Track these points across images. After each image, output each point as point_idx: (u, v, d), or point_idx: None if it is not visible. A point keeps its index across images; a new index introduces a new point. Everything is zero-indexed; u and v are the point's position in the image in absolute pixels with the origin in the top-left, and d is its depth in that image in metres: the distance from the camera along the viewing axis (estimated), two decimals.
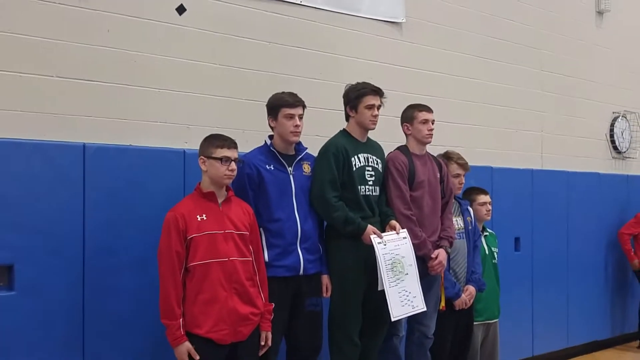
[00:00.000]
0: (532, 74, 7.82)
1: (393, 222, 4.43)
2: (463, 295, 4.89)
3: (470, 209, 5.25)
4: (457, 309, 4.88)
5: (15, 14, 4.20)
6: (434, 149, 5.13)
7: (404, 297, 4.31)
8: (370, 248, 4.26)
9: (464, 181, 5.18)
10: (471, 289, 4.96)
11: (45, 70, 4.33)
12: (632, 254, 8.18)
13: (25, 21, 4.23)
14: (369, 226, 4.25)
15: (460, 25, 7.03)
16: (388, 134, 5.00)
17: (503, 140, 7.46)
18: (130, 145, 4.58)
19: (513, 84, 7.60)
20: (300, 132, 4.27)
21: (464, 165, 5.13)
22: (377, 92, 4.48)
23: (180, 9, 4.94)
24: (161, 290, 3.77)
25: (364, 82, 4.54)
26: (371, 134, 4.67)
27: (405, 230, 4.40)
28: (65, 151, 4.21)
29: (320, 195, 4.28)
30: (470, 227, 5.12)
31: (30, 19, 4.27)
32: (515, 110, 7.61)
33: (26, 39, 4.27)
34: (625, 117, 9.00)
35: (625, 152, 9.00)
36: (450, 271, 4.92)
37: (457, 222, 5.04)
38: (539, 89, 7.90)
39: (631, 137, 9.06)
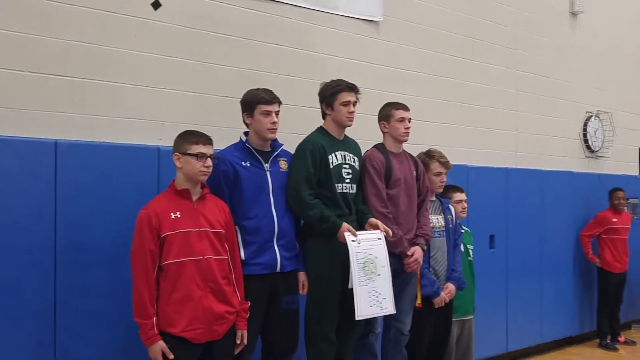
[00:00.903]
0: (507, 73, 7.87)
1: (373, 220, 4.41)
2: (442, 293, 4.90)
3: (452, 207, 5.25)
4: (436, 306, 4.89)
5: None
6: (411, 147, 5.13)
7: (373, 298, 4.29)
8: (347, 246, 4.24)
9: (445, 179, 5.17)
10: (451, 287, 4.97)
11: (16, 65, 4.28)
12: (591, 255, 8.25)
13: None
14: (344, 224, 4.23)
15: (438, 25, 7.06)
16: (365, 132, 5.00)
17: (478, 139, 7.51)
18: (103, 142, 4.53)
19: (489, 84, 7.64)
20: (276, 129, 4.24)
21: (445, 164, 5.12)
22: (352, 88, 4.47)
23: (156, 4, 4.92)
24: (134, 288, 3.72)
25: (338, 79, 4.53)
26: (348, 132, 4.66)
27: (380, 232, 4.37)
28: (36, 148, 4.17)
29: (296, 194, 4.25)
30: (451, 226, 5.13)
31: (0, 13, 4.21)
32: (490, 110, 7.66)
33: None
34: (598, 117, 9.08)
35: (598, 151, 9.09)
36: (430, 269, 4.93)
37: (438, 220, 5.07)
38: (514, 88, 7.96)
39: (604, 137, 9.14)
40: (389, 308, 4.36)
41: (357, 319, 4.25)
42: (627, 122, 9.61)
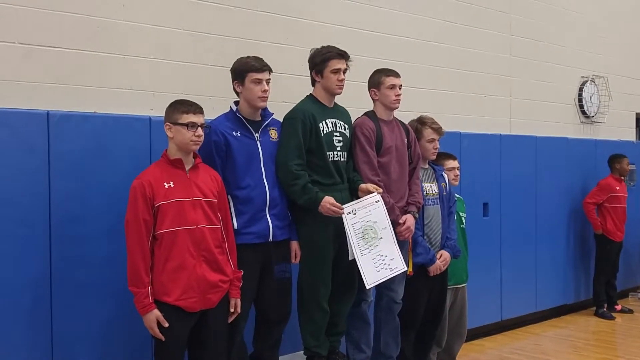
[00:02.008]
0: (501, 38, 7.87)
1: (364, 185, 4.44)
2: (437, 261, 4.91)
3: (445, 175, 5.24)
4: (431, 274, 4.92)
5: None
6: (402, 114, 5.14)
7: (380, 262, 4.33)
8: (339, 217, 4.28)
9: (438, 146, 5.13)
10: (445, 254, 4.98)
11: (6, 37, 4.30)
12: (598, 222, 8.30)
13: None
14: (326, 197, 4.23)
15: None
16: (355, 99, 5.01)
17: (471, 105, 7.52)
18: (94, 112, 4.56)
19: (482, 49, 7.65)
20: (267, 97, 4.25)
21: (438, 130, 5.08)
22: (343, 55, 4.46)
23: None
24: (129, 258, 3.77)
25: (329, 46, 4.51)
26: (338, 99, 4.67)
27: (377, 193, 4.39)
28: (28, 119, 4.20)
29: (284, 163, 4.27)
30: (445, 193, 5.12)
31: None
32: (483, 75, 7.67)
33: None
34: (594, 82, 9.09)
35: (593, 116, 9.10)
36: (425, 237, 4.93)
37: (432, 187, 5.06)
38: (508, 53, 7.96)
39: (599, 102, 9.15)
40: (400, 266, 4.39)
41: (367, 287, 4.31)
42: (624, 87, 9.60)
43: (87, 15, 4.67)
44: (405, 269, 4.48)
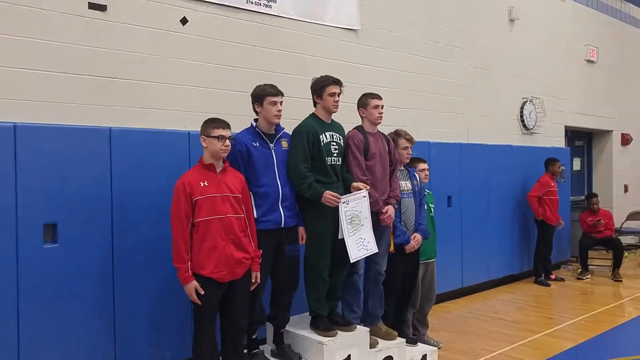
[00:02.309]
0: (461, 69, 7.88)
1: (355, 183, 4.42)
2: (412, 241, 4.91)
3: (417, 175, 5.21)
4: (407, 252, 4.91)
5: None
6: (384, 128, 5.10)
7: (360, 243, 4.31)
8: (336, 207, 4.25)
9: (411, 152, 5.13)
10: (418, 236, 4.97)
11: (77, 70, 4.37)
12: (540, 211, 8.29)
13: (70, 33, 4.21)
14: (326, 191, 4.20)
15: (404, 32, 7.06)
16: (348, 117, 4.99)
17: (438, 121, 7.52)
18: (146, 128, 4.59)
19: (446, 77, 7.64)
20: (280, 115, 4.25)
21: (410, 140, 5.09)
22: (337, 82, 4.45)
23: (184, 21, 4.95)
24: (173, 241, 3.79)
25: (326, 75, 4.50)
26: (334, 116, 4.65)
27: (365, 190, 4.37)
28: (94, 134, 4.24)
29: (294, 167, 4.25)
30: (417, 189, 5.10)
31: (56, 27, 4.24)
32: (447, 98, 7.66)
33: (56, 44, 4.26)
34: (532, 102, 9.11)
35: (532, 129, 9.11)
36: (402, 223, 4.91)
37: (406, 184, 5.03)
38: (466, 80, 7.97)
39: (536, 117, 9.17)
40: (373, 248, 4.37)
41: (352, 261, 4.29)
42: (555, 105, 9.62)
43: (139, 53, 4.71)
44: (376, 250, 4.45)
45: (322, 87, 4.43)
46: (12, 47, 4.09)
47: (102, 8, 4.46)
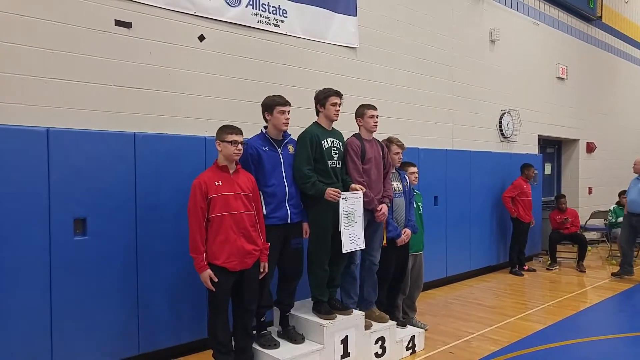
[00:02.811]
0: (446, 84, 7.83)
1: (353, 185, 4.39)
2: (402, 235, 4.89)
3: (407, 177, 5.19)
4: (398, 245, 4.88)
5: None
6: (379, 135, 5.05)
7: (352, 238, 4.28)
8: (335, 203, 4.19)
9: (402, 157, 5.12)
10: (408, 231, 4.96)
11: (104, 81, 4.32)
12: (513, 210, 8.26)
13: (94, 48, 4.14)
14: (328, 188, 4.15)
15: (397, 50, 7.02)
16: (347, 125, 4.96)
17: (426, 129, 7.49)
18: (167, 133, 4.54)
19: (433, 91, 7.60)
20: (288, 123, 4.21)
21: (401, 146, 5.08)
22: (338, 94, 4.43)
23: (201, 38, 4.92)
24: (190, 234, 3.73)
25: (328, 88, 4.48)
26: (335, 125, 4.60)
27: (361, 190, 4.34)
28: (120, 138, 4.19)
29: (299, 169, 4.20)
30: (407, 190, 5.08)
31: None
32: (435, 109, 7.63)
33: (84, 57, 4.19)
34: (510, 113, 9.07)
35: (509, 137, 9.07)
36: (394, 219, 4.89)
37: (398, 185, 5.00)
38: (451, 94, 7.92)
39: (513, 127, 9.13)
40: (362, 244, 4.36)
41: (343, 252, 4.26)
42: (529, 117, 9.59)
43: (162, 67, 4.67)
44: (364, 247, 4.42)
45: (325, 97, 4.39)
46: (45, 58, 4.05)
47: (127, 25, 4.42)
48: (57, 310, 3.84)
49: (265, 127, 4.28)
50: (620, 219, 9.20)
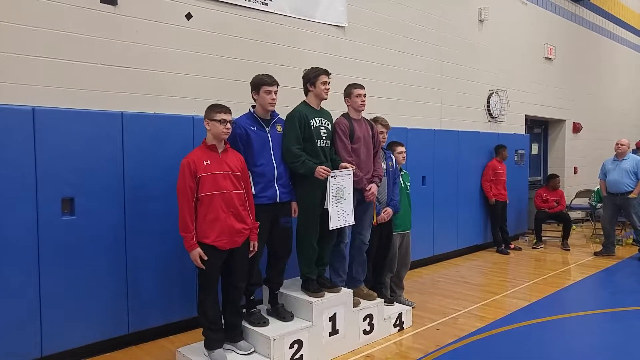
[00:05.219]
0: (434, 63, 7.81)
1: (343, 164, 4.37)
2: (383, 214, 4.91)
3: (393, 157, 5.18)
4: (378, 222, 4.89)
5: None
6: (367, 114, 5.01)
7: (341, 215, 4.28)
8: (323, 183, 4.20)
9: (386, 136, 5.13)
10: (389, 210, 4.96)
11: (93, 60, 4.27)
12: (492, 195, 8.28)
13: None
14: (318, 166, 4.16)
15: (386, 29, 6.99)
16: (335, 105, 4.94)
17: (414, 109, 7.48)
18: (155, 112, 4.51)
19: (422, 70, 7.59)
20: (275, 103, 4.18)
21: (386, 126, 5.09)
22: (328, 72, 4.41)
23: (188, 16, 4.86)
24: (180, 213, 3.71)
25: (317, 67, 4.46)
26: (323, 104, 4.57)
27: (350, 168, 4.33)
28: (108, 118, 4.15)
29: (288, 148, 4.19)
30: (391, 170, 5.07)
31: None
32: (423, 89, 7.62)
33: (70, 35, 4.11)
34: (497, 94, 9.09)
35: (497, 117, 9.09)
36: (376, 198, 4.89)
37: (382, 165, 4.97)
38: (439, 74, 7.91)
39: (501, 107, 9.16)
40: (351, 220, 4.36)
41: (330, 228, 4.26)
42: (517, 97, 9.62)
43: (151, 45, 4.61)
44: (353, 222, 4.41)
45: (315, 76, 4.36)
46: (30, 36, 3.98)
47: (113, 2, 4.34)
48: (45, 290, 3.84)
49: (254, 107, 4.24)
50: (600, 205, 9.28)
